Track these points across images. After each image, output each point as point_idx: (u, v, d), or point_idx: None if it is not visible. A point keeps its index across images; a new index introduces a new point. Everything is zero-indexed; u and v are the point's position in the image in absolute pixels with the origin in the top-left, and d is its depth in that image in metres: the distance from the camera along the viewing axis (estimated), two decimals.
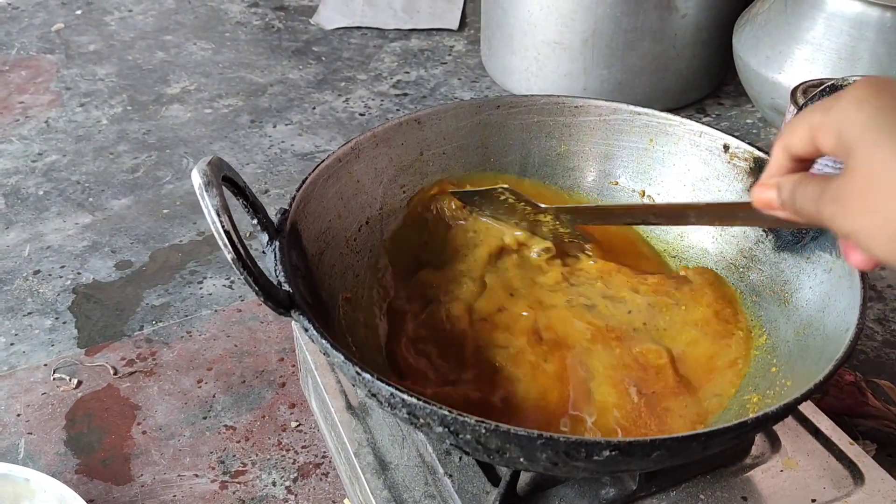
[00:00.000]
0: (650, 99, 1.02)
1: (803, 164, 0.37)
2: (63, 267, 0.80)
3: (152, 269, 0.80)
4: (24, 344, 0.72)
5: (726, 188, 0.55)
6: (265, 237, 0.46)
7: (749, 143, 0.54)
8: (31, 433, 0.63)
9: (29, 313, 0.75)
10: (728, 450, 0.49)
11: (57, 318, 0.74)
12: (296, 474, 0.60)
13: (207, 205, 0.40)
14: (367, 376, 0.39)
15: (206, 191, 0.40)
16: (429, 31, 1.26)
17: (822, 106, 0.34)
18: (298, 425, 0.64)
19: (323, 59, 1.19)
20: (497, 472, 0.48)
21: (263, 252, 0.46)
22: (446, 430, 0.39)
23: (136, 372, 0.69)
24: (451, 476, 0.48)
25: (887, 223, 0.31)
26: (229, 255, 0.40)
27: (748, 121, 1.04)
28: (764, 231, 0.53)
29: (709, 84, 1.08)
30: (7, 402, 0.66)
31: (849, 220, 0.33)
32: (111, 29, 1.26)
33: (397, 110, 1.07)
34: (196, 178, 0.40)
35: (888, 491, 0.48)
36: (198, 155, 0.97)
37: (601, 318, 0.52)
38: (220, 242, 0.40)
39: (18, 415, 0.65)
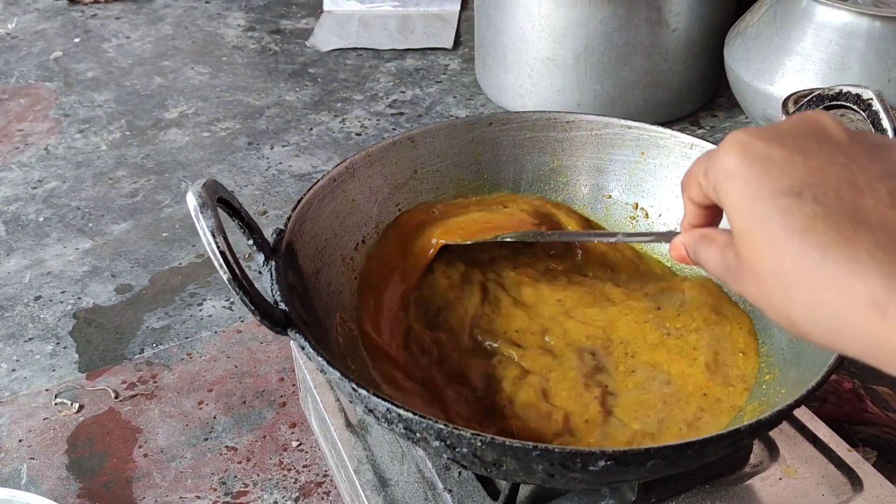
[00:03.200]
0: (644, 112, 1.03)
1: (711, 208, 0.36)
2: (63, 292, 0.81)
3: (152, 293, 0.81)
4: (25, 370, 0.72)
5: None
6: (261, 257, 0.46)
7: None
8: (33, 458, 0.64)
9: (30, 339, 0.75)
10: (726, 458, 0.49)
11: (58, 343, 0.75)
12: (297, 494, 0.61)
13: (203, 226, 0.40)
14: (364, 392, 0.40)
15: (202, 212, 0.40)
16: (423, 51, 1.27)
17: (703, 165, 0.33)
18: (299, 444, 0.64)
19: (319, 80, 1.20)
20: (496, 485, 0.49)
21: (259, 272, 0.46)
22: (443, 443, 0.39)
23: (137, 395, 0.69)
24: (450, 491, 0.49)
25: (774, 308, 0.30)
26: (225, 276, 0.41)
27: None
28: None
29: (702, 96, 1.09)
30: (9, 428, 0.66)
31: (745, 293, 0.32)
32: (109, 56, 1.28)
33: (393, 129, 1.08)
34: (191, 201, 0.41)
35: (887, 497, 0.48)
36: (196, 178, 0.98)
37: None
38: (216, 263, 0.41)
39: (20, 440, 0.65)
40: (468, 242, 0.55)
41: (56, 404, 0.68)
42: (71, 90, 1.18)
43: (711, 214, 0.37)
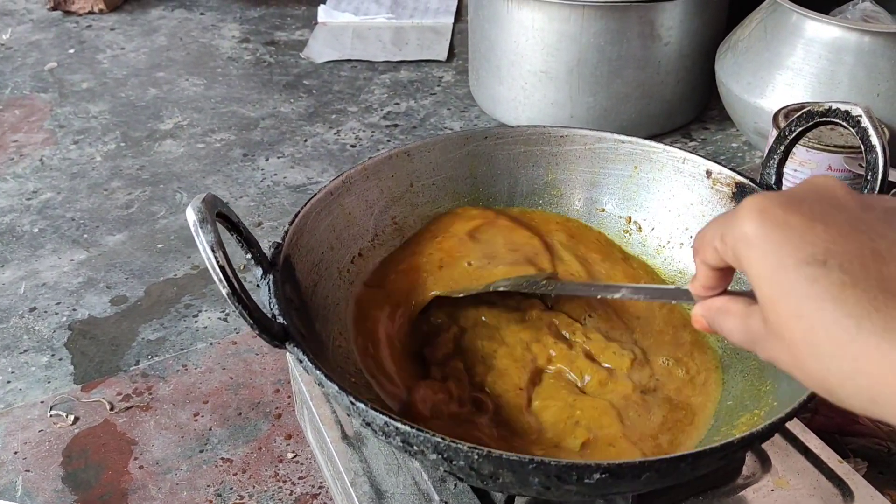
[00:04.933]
0: (636, 125, 1.04)
1: (724, 270, 0.36)
2: (59, 304, 0.81)
3: (147, 304, 0.81)
4: (20, 381, 0.72)
5: (710, 212, 0.56)
6: (259, 271, 0.47)
7: (731, 169, 0.55)
8: (28, 470, 0.64)
9: (25, 350, 0.75)
10: (719, 470, 0.50)
11: (53, 355, 0.75)
12: None
13: (202, 241, 0.41)
14: (361, 405, 0.40)
15: (201, 227, 0.41)
16: (418, 63, 1.28)
17: (718, 230, 0.33)
18: (295, 456, 0.65)
19: (314, 92, 1.20)
20: (492, 497, 0.49)
21: (258, 285, 0.47)
22: (440, 456, 0.39)
23: (132, 407, 0.69)
24: (446, 503, 0.49)
25: (808, 375, 0.30)
26: (224, 290, 0.41)
27: (733, 144, 1.06)
28: None
29: (693, 109, 1.10)
30: (4, 440, 0.66)
31: (775, 360, 0.32)
32: (104, 67, 1.28)
33: (388, 141, 1.08)
34: (191, 216, 0.41)
35: None
36: (191, 189, 0.98)
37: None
38: (216, 278, 0.41)
39: (16, 452, 0.65)
40: (460, 294, 0.54)
41: (51, 416, 0.68)
42: (66, 101, 1.18)
43: (724, 275, 0.36)
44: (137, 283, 0.83)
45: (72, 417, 0.68)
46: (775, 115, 0.83)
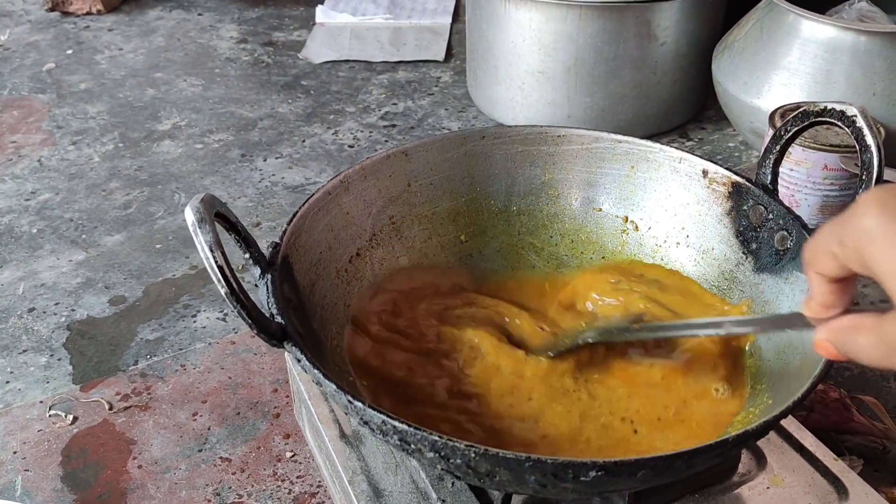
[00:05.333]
0: (633, 125, 1.04)
1: (844, 281, 0.34)
2: (57, 304, 0.81)
3: (146, 304, 0.81)
4: (19, 381, 0.72)
5: (706, 212, 0.57)
6: (257, 271, 0.47)
7: (727, 168, 0.56)
8: (27, 470, 0.64)
9: (24, 351, 0.75)
10: (715, 468, 0.50)
11: (52, 355, 0.75)
12: None
13: (201, 241, 0.41)
14: (359, 404, 0.40)
15: (200, 227, 0.41)
16: (415, 63, 1.28)
17: (834, 235, 0.31)
18: (293, 455, 0.65)
19: (312, 92, 1.20)
20: (489, 495, 0.49)
21: (256, 285, 0.47)
22: (437, 455, 0.40)
23: (131, 406, 0.69)
24: (443, 501, 0.49)
25: None
26: (223, 290, 0.41)
27: (730, 144, 1.07)
28: (743, 253, 0.55)
29: (690, 109, 1.10)
30: (3, 440, 0.66)
31: None
32: (102, 67, 1.28)
33: (386, 141, 1.09)
34: (189, 216, 0.41)
35: None
36: (189, 190, 0.98)
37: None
38: (214, 278, 0.41)
39: (15, 452, 0.65)
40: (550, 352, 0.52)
41: (50, 416, 0.68)
42: (64, 102, 1.18)
43: (845, 289, 0.34)
44: (136, 284, 0.84)
45: (71, 417, 0.68)
46: (771, 115, 0.83)
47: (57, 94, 1.20)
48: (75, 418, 0.68)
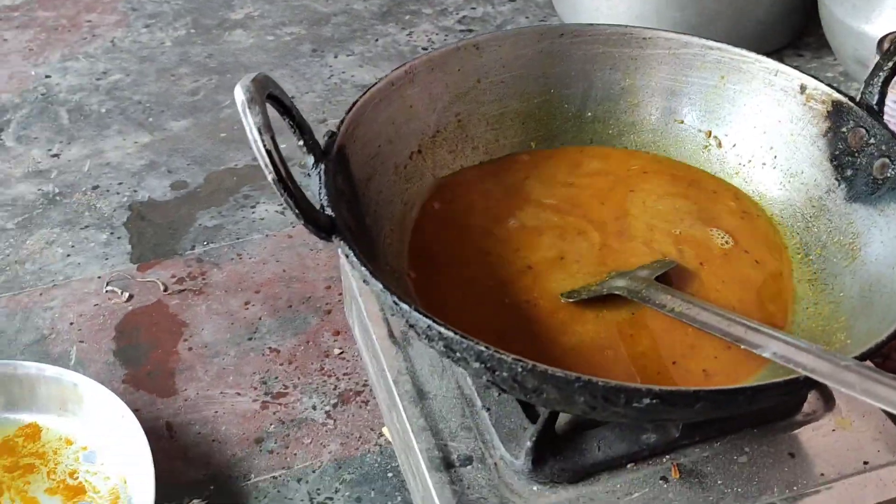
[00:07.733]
0: None
1: None
2: (121, 184, 0.81)
3: (207, 191, 0.80)
4: (79, 256, 0.73)
5: (799, 132, 0.52)
6: (311, 159, 0.45)
7: (828, 85, 0.51)
8: (82, 341, 0.65)
9: (86, 227, 0.76)
10: (779, 405, 0.47)
11: (112, 233, 0.75)
12: (336, 400, 0.61)
13: (249, 122, 0.38)
14: (405, 307, 0.38)
15: (249, 108, 0.38)
16: None
17: None
18: (341, 353, 0.64)
19: None
20: (536, 409, 0.47)
21: (308, 174, 0.45)
22: (483, 366, 0.38)
23: (185, 290, 0.70)
24: (488, 410, 0.48)
25: None
26: (270, 176, 0.39)
27: (828, 74, 0.99)
28: (836, 179, 0.50)
29: (788, 33, 1.02)
30: (61, 311, 0.67)
31: None
32: None
33: None
34: (239, 95, 0.39)
35: None
36: None
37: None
38: (261, 162, 0.39)
39: (71, 323, 0.66)
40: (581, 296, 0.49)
41: (107, 292, 0.69)
42: None
43: None
44: (198, 170, 0.83)
45: (126, 295, 0.69)
46: (880, 41, 0.76)
47: None
48: (131, 296, 0.69)
